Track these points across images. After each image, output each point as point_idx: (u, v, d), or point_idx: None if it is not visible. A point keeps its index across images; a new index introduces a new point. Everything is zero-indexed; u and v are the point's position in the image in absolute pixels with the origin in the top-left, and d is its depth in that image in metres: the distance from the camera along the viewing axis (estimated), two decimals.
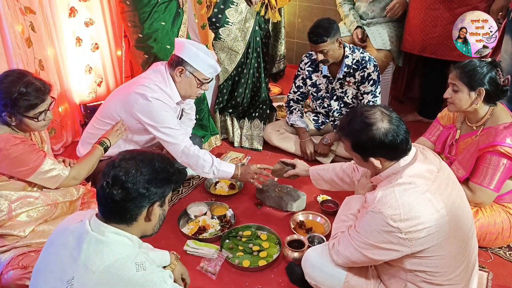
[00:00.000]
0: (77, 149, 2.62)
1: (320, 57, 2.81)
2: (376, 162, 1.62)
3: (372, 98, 2.92)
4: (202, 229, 2.39)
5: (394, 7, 3.37)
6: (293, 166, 2.47)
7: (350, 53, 2.89)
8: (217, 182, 2.85)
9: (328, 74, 2.99)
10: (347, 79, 2.95)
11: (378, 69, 2.92)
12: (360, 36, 3.46)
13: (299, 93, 3.17)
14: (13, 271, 1.80)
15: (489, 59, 2.13)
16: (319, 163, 3.09)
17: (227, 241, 2.31)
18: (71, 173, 2.01)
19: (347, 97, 3.01)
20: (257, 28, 3.21)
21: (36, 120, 1.86)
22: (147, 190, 1.26)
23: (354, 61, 2.90)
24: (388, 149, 1.58)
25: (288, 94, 3.24)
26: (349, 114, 1.68)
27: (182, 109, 2.70)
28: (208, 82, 2.45)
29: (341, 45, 2.84)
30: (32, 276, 1.35)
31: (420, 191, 1.54)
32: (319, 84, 3.07)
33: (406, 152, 1.62)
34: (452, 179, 1.69)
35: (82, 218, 1.32)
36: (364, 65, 2.88)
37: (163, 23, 2.81)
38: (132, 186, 1.24)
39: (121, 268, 1.20)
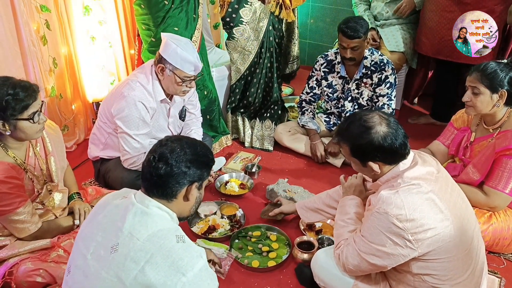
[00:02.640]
0: (88, 153, 2.64)
1: (350, 53, 2.78)
2: (375, 166, 1.62)
3: (388, 101, 2.90)
4: (212, 229, 2.39)
5: (402, 6, 3.35)
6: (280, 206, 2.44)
7: (369, 55, 2.89)
8: (227, 182, 2.85)
9: (345, 75, 2.98)
10: (364, 80, 2.93)
11: (395, 72, 2.91)
12: (374, 38, 3.44)
13: (311, 94, 3.16)
14: (24, 266, 1.81)
15: (505, 60, 2.11)
16: (330, 165, 3.08)
17: (237, 241, 2.31)
18: (36, 232, 1.88)
19: (362, 98, 2.99)
20: (270, 28, 3.20)
21: (32, 121, 1.76)
22: (188, 169, 1.37)
23: (373, 62, 2.89)
24: (387, 152, 1.58)
25: (301, 94, 3.23)
26: (347, 119, 1.69)
27: (185, 109, 2.68)
28: (193, 80, 2.37)
29: (367, 45, 2.84)
30: (74, 246, 1.41)
31: (424, 191, 1.54)
32: (335, 85, 3.05)
33: (405, 156, 1.62)
34: (450, 180, 1.69)
35: (126, 195, 1.43)
36: (383, 67, 2.87)
37: (176, 29, 2.78)
38: (175, 164, 1.36)
39: (163, 238, 1.29)
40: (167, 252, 1.26)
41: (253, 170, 2.98)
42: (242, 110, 3.37)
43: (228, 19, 3.11)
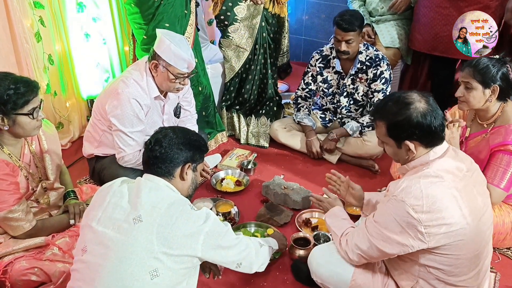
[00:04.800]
0: (83, 151, 2.63)
1: (344, 46, 2.78)
2: (411, 146, 1.58)
3: (383, 96, 2.89)
4: None
5: (397, 2, 3.35)
6: (281, 211, 2.46)
7: (364, 50, 2.89)
8: (223, 179, 2.84)
9: (340, 70, 2.97)
10: (359, 75, 2.93)
11: (390, 68, 2.92)
12: (369, 34, 3.44)
13: (307, 90, 3.15)
14: (18, 265, 1.79)
15: (497, 56, 2.12)
16: (326, 161, 3.08)
17: None
18: (30, 230, 1.87)
19: (358, 94, 2.99)
20: (263, 24, 3.18)
21: (31, 116, 1.76)
22: (180, 150, 1.57)
23: (368, 58, 2.89)
24: (425, 131, 1.55)
25: (296, 91, 3.22)
26: (385, 98, 1.69)
27: (180, 106, 2.67)
28: (187, 77, 2.36)
29: (362, 40, 2.85)
30: (85, 229, 1.50)
31: (447, 186, 1.52)
32: (330, 80, 3.05)
33: (441, 140, 1.60)
34: (480, 182, 1.67)
35: (133, 181, 1.59)
36: (378, 62, 2.87)
37: (167, 25, 2.76)
38: (168, 146, 1.56)
39: (181, 205, 1.48)
40: (187, 215, 1.46)
41: (249, 167, 2.98)
42: (237, 107, 3.37)
43: (222, 17, 3.09)
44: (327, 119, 3.21)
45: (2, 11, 2.59)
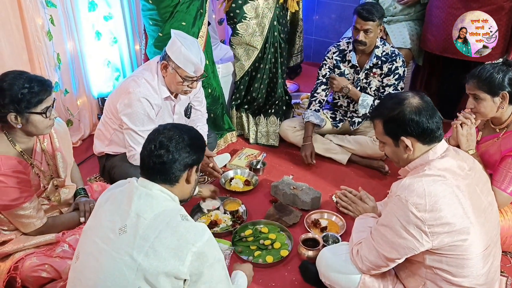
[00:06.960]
0: (93, 149, 2.64)
1: (362, 36, 2.78)
2: (408, 142, 1.59)
3: (393, 91, 2.89)
4: (214, 223, 2.39)
5: None
6: (290, 212, 2.48)
7: (381, 45, 2.89)
8: (232, 179, 2.85)
9: (356, 64, 2.97)
10: (374, 70, 2.93)
11: (405, 66, 2.91)
12: (381, 35, 3.42)
13: (325, 80, 3.10)
14: (29, 261, 1.82)
15: (500, 60, 2.09)
16: (335, 162, 3.06)
17: (237, 236, 2.31)
18: (41, 227, 1.88)
19: (370, 88, 2.97)
20: (275, 23, 3.18)
21: (44, 115, 1.76)
22: (188, 154, 1.44)
23: (384, 53, 2.89)
24: (419, 125, 1.56)
25: (316, 83, 3.14)
26: (382, 98, 1.71)
27: (191, 106, 2.67)
28: (195, 80, 2.35)
29: (380, 33, 2.86)
30: (82, 236, 1.48)
31: (449, 184, 1.52)
32: (347, 74, 3.04)
33: (438, 138, 1.60)
34: (484, 181, 1.66)
35: (128, 181, 1.49)
36: (394, 58, 2.87)
37: (183, 23, 2.77)
38: (175, 150, 1.42)
39: (169, 216, 1.36)
40: (174, 228, 1.33)
41: (258, 166, 2.97)
42: (246, 106, 3.36)
43: (232, 15, 3.08)
44: (337, 119, 3.19)
45: (15, 9, 2.62)
